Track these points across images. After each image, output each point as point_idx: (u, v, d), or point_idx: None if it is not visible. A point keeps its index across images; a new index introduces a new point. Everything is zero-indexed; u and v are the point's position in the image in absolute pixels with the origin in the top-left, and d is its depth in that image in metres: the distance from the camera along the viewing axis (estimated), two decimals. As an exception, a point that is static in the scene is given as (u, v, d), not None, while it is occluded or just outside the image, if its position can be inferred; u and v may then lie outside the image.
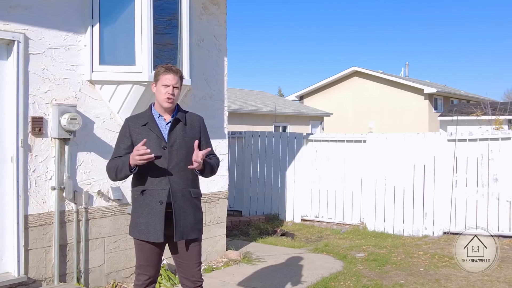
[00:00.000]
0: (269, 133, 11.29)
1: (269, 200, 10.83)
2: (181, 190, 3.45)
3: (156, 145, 3.41)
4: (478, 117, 16.16)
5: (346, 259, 6.97)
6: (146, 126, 3.48)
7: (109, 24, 5.27)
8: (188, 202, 3.49)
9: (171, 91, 3.44)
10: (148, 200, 3.41)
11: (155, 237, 3.40)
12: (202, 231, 3.62)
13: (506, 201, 8.42)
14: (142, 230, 3.43)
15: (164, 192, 3.39)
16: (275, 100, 26.30)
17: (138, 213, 3.47)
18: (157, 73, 3.51)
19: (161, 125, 3.50)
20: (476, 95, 36.37)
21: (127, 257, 5.54)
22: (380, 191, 9.53)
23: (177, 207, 3.42)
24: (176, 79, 3.48)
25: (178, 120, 3.53)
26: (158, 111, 3.54)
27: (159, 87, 3.48)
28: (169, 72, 3.48)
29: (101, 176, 5.26)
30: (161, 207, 3.38)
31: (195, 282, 3.55)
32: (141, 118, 3.56)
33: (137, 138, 3.43)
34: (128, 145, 3.48)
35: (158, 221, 3.38)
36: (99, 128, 5.28)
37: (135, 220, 3.49)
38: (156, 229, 3.38)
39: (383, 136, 9.77)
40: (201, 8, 6.45)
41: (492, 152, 8.61)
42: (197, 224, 3.55)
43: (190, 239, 3.50)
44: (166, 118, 3.53)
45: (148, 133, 3.45)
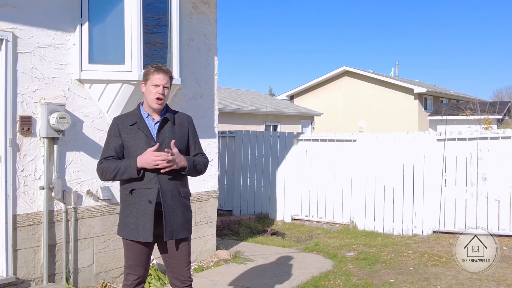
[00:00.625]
0: (260, 133, 11.29)
1: (260, 200, 10.83)
2: (171, 189, 3.42)
3: (145, 144, 3.40)
4: (468, 116, 16.26)
5: (336, 258, 6.99)
6: (135, 126, 3.46)
7: (98, 23, 5.24)
8: (177, 202, 3.46)
9: (161, 91, 3.44)
10: (137, 199, 3.39)
11: (144, 237, 3.37)
12: (191, 231, 3.60)
13: (495, 200, 8.48)
14: (131, 230, 3.40)
15: (154, 191, 3.37)
16: (265, 100, 26.32)
17: (126, 212, 3.44)
18: (147, 73, 3.50)
19: (149, 124, 3.49)
20: (466, 95, 36.59)
21: (117, 257, 5.52)
22: (370, 190, 9.57)
23: (166, 206, 3.39)
24: (166, 79, 3.47)
25: (167, 120, 3.52)
26: (147, 111, 3.53)
27: (148, 87, 3.46)
28: (159, 72, 3.46)
29: (90, 175, 5.24)
30: (150, 207, 3.36)
31: (184, 282, 3.55)
32: (129, 117, 3.53)
33: (126, 138, 3.43)
34: (119, 145, 3.45)
35: (147, 221, 3.36)
36: (88, 128, 5.26)
37: (124, 220, 3.46)
38: (145, 228, 3.36)
39: (373, 136, 9.80)
40: (191, 7, 6.43)
41: (481, 151, 8.67)
42: (186, 223, 3.53)
43: (179, 238, 3.49)
44: (154, 117, 3.52)
45: (137, 133, 3.44)
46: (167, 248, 3.51)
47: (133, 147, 3.42)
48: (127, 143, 3.44)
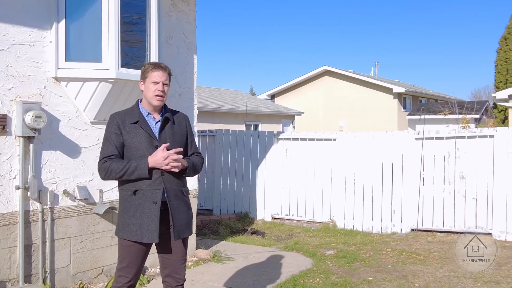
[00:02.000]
0: (240, 132, 11.28)
1: (240, 199, 10.82)
2: (174, 189, 3.42)
3: (147, 144, 3.37)
4: (446, 116, 16.45)
5: (316, 256, 7.01)
6: (137, 124, 3.41)
7: (75, 20, 5.17)
8: (181, 201, 3.47)
9: (161, 88, 3.40)
10: (141, 200, 3.34)
11: (149, 238, 3.33)
12: (192, 230, 3.63)
13: (472, 198, 8.59)
14: (134, 231, 3.34)
15: (159, 192, 3.34)
16: (246, 99, 26.31)
17: (129, 213, 3.37)
18: (145, 71, 3.46)
19: (151, 123, 3.46)
20: (444, 95, 37.06)
21: (94, 257, 5.46)
22: (349, 189, 9.62)
23: (172, 206, 3.39)
24: (165, 75, 3.44)
25: (168, 119, 3.50)
26: (147, 109, 3.49)
27: (148, 85, 3.42)
28: (158, 69, 3.43)
29: (67, 175, 5.17)
30: (155, 208, 3.33)
31: (178, 280, 3.54)
32: (129, 115, 3.47)
33: (128, 137, 3.38)
34: (120, 143, 3.39)
35: (152, 222, 3.32)
36: (64, 126, 5.18)
37: (126, 221, 3.38)
38: (150, 229, 3.32)
39: (352, 135, 9.86)
40: (170, 5, 6.39)
41: (459, 150, 8.78)
42: (189, 222, 3.55)
43: (183, 237, 3.50)
44: (155, 116, 3.49)
45: (139, 132, 3.39)
46: (166, 247, 3.49)
47: (135, 147, 3.37)
48: (129, 142, 3.38)
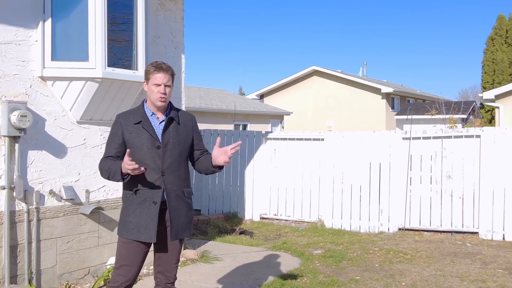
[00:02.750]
0: (228, 132, 11.27)
1: (228, 199, 10.81)
2: (175, 190, 3.44)
3: (150, 144, 3.39)
4: (433, 116, 16.57)
5: (304, 256, 7.02)
6: (139, 125, 3.42)
7: (61, 19, 5.13)
8: (181, 202, 3.49)
9: (163, 90, 3.39)
10: (141, 199, 3.38)
11: (146, 237, 3.37)
12: (192, 230, 3.64)
13: (459, 197, 8.66)
14: (131, 229, 3.38)
15: (159, 192, 3.38)
16: (235, 99, 26.29)
17: (128, 212, 3.42)
18: (148, 72, 3.46)
19: (154, 124, 3.46)
20: (432, 95, 37.31)
21: (81, 257, 5.43)
22: (337, 189, 9.65)
23: (172, 207, 3.42)
24: (167, 77, 3.42)
25: (172, 120, 3.50)
26: (151, 109, 3.49)
27: (150, 86, 3.42)
28: (160, 71, 3.41)
29: (53, 175, 5.14)
30: (155, 207, 3.37)
31: (168, 278, 3.56)
32: (133, 115, 3.48)
33: (130, 137, 3.41)
34: (119, 144, 3.43)
35: (151, 221, 3.36)
36: (50, 126, 5.14)
37: (125, 219, 3.43)
38: (148, 229, 3.36)
39: (340, 134, 9.89)
40: (158, 4, 6.37)
41: (446, 150, 8.84)
42: (189, 223, 3.57)
43: (181, 238, 3.54)
44: (159, 116, 3.49)
45: (141, 132, 3.41)
46: (163, 246, 3.52)
47: (138, 147, 3.39)
48: (131, 142, 3.41)
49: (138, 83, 5.50)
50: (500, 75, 33.11)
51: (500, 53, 33.51)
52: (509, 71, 32.99)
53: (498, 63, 33.44)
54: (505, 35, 34.26)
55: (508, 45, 33.89)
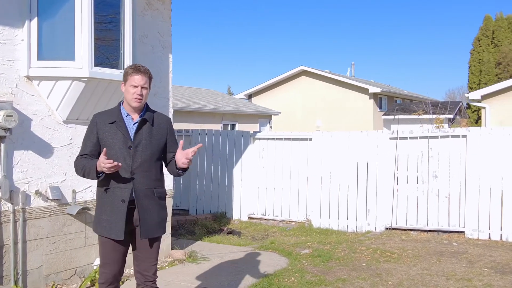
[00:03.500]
0: (216, 132, 11.26)
1: (216, 199, 10.80)
2: (144, 189, 3.52)
3: (122, 144, 3.48)
4: (420, 116, 16.67)
5: (291, 255, 7.04)
6: (113, 124, 3.52)
7: (48, 18, 5.10)
8: (152, 201, 3.55)
9: (139, 92, 3.49)
10: (111, 198, 3.48)
11: (116, 234, 3.46)
12: (165, 230, 3.71)
13: (445, 197, 8.72)
14: (104, 227, 3.49)
15: (127, 191, 3.47)
16: (223, 99, 26.27)
17: (101, 210, 3.53)
18: (126, 73, 3.55)
19: (128, 124, 3.55)
20: (419, 95, 37.52)
21: (67, 258, 5.40)
22: (325, 188, 9.68)
23: (140, 206, 3.49)
24: (144, 79, 3.51)
25: (146, 121, 3.58)
26: (127, 110, 3.58)
27: (127, 87, 3.51)
28: (137, 73, 3.51)
29: (39, 175, 5.10)
30: (123, 206, 3.45)
31: (146, 277, 3.63)
32: (109, 115, 3.58)
33: (104, 136, 3.51)
34: (94, 143, 3.54)
35: (120, 219, 3.45)
36: (36, 126, 5.11)
37: (98, 217, 3.55)
38: (118, 227, 3.45)
39: (328, 134, 9.93)
40: (145, 3, 6.35)
41: (432, 149, 8.90)
42: (161, 222, 3.62)
43: (154, 237, 3.60)
44: (134, 117, 3.57)
45: (115, 132, 3.50)
46: (138, 245, 3.62)
47: (110, 146, 3.47)
48: (105, 141, 3.50)
49: (125, 82, 5.46)
50: (487, 75, 33.46)
51: (487, 54, 33.85)
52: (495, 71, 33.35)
53: (484, 64, 33.78)
54: (491, 36, 34.64)
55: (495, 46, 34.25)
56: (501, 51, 33.12)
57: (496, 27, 34.48)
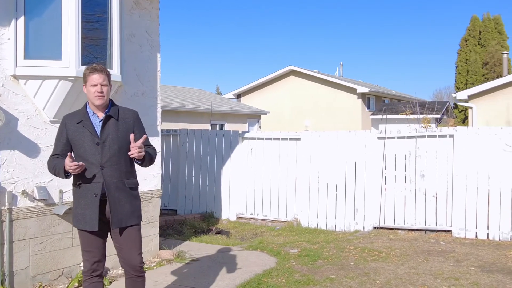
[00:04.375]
0: (205, 131, 11.23)
1: (205, 199, 10.78)
2: (115, 182, 3.73)
3: (90, 141, 3.70)
4: (408, 116, 16.75)
5: (280, 255, 7.05)
6: (80, 124, 3.73)
7: (34, 17, 5.06)
8: (123, 193, 3.76)
9: (100, 89, 3.69)
10: (84, 192, 3.70)
11: (90, 226, 3.68)
12: (141, 217, 3.92)
13: (432, 196, 8.78)
14: (79, 220, 3.72)
15: (98, 185, 3.68)
16: (212, 98, 26.24)
17: (76, 204, 3.77)
18: (84, 75, 3.75)
19: (94, 122, 3.75)
20: (406, 95, 37.74)
21: (54, 258, 5.36)
22: (313, 188, 9.70)
23: (111, 198, 3.70)
24: (102, 77, 3.71)
25: (110, 117, 3.77)
26: (92, 109, 3.79)
27: (88, 88, 3.72)
28: (94, 72, 3.71)
29: (26, 175, 5.06)
30: (95, 199, 3.68)
31: (134, 268, 3.84)
32: (76, 116, 3.80)
33: (73, 136, 3.73)
34: (64, 143, 3.76)
35: (93, 212, 3.67)
36: (23, 125, 5.06)
37: (74, 211, 3.79)
38: (92, 218, 3.67)
39: (316, 134, 9.94)
40: (133, 2, 6.31)
41: (419, 149, 8.96)
42: (135, 211, 3.84)
43: (128, 225, 3.80)
44: (99, 115, 3.78)
45: (82, 131, 3.72)
46: (117, 235, 3.81)
47: (80, 144, 3.71)
48: (74, 140, 3.73)
49: (113, 81, 5.43)
50: (474, 75, 33.72)
51: (474, 54, 34.12)
52: (482, 71, 33.63)
53: (471, 64, 34.04)
54: (478, 36, 34.91)
55: (481, 46, 34.53)
56: (488, 52, 33.41)
57: (483, 27, 34.76)
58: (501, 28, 34.62)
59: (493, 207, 8.32)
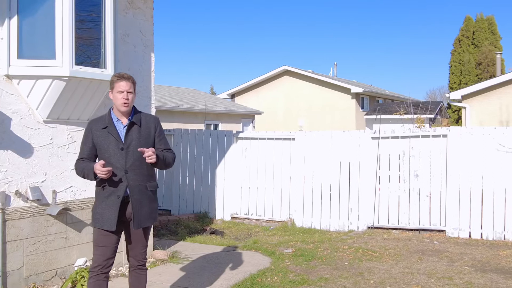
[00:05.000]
0: (199, 131, 11.21)
1: (199, 199, 10.76)
2: (138, 185, 3.93)
3: (115, 146, 3.90)
4: (401, 115, 16.80)
5: (274, 255, 7.05)
6: (105, 129, 3.93)
7: (28, 17, 5.03)
8: (144, 195, 3.97)
9: (126, 97, 3.90)
10: (107, 194, 3.89)
11: (109, 226, 3.87)
12: (156, 219, 4.15)
13: (426, 196, 8.80)
14: (97, 219, 3.91)
15: (122, 188, 3.88)
16: (206, 98, 26.21)
17: (97, 204, 3.95)
18: (112, 82, 3.95)
19: (119, 128, 3.96)
20: (400, 95, 37.85)
21: (48, 259, 5.33)
22: (308, 188, 9.70)
23: (134, 200, 3.90)
24: (129, 85, 3.91)
25: (133, 123, 3.98)
26: (116, 115, 3.99)
27: (115, 94, 3.92)
28: (122, 79, 3.91)
29: (19, 175, 5.03)
30: (117, 201, 3.87)
31: (139, 261, 4.12)
32: (101, 121, 4.00)
33: (99, 140, 3.94)
34: (90, 147, 3.97)
35: (113, 212, 3.86)
36: (16, 125, 5.04)
37: (94, 210, 3.97)
38: (111, 218, 3.86)
39: (311, 134, 9.95)
40: (127, 2, 6.30)
41: (413, 149, 8.98)
42: (152, 213, 4.06)
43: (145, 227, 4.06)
44: (123, 121, 3.99)
45: (107, 136, 3.92)
46: (130, 235, 4.06)
47: (105, 149, 3.91)
48: (99, 145, 3.93)
49: (106, 81, 5.44)
50: (467, 75, 33.85)
51: (467, 54, 34.25)
52: (476, 72, 33.76)
53: (465, 64, 34.17)
54: (472, 36, 35.05)
55: (475, 47, 34.67)
56: (481, 52, 33.54)
57: (477, 28, 34.91)
58: (494, 29, 34.78)
59: (486, 207, 8.35)
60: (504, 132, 8.38)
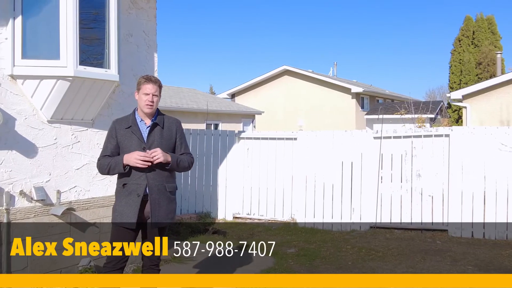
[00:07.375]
0: (201, 131, 11.21)
1: (201, 199, 10.76)
2: (157, 185, 4.01)
3: (137, 146, 4.02)
4: (402, 115, 16.81)
5: (277, 255, 7.04)
6: (129, 129, 4.07)
7: (32, 17, 5.03)
8: (162, 195, 4.05)
9: (151, 99, 4.04)
10: (128, 192, 3.99)
11: (128, 224, 3.97)
12: (174, 220, 4.27)
13: (429, 195, 8.81)
14: (116, 216, 4.02)
15: (142, 186, 3.98)
16: (206, 98, 26.21)
17: (117, 202, 4.07)
18: (139, 83, 4.09)
19: (142, 128, 4.09)
20: (400, 95, 37.88)
21: (52, 260, 5.33)
22: (310, 188, 9.71)
23: (153, 200, 3.99)
24: (155, 88, 4.06)
25: (156, 124, 4.11)
26: (140, 116, 4.12)
27: (140, 95, 4.06)
28: (149, 82, 4.05)
29: (24, 175, 5.03)
30: (138, 199, 3.97)
31: (152, 261, 4.18)
32: (126, 121, 4.14)
33: (122, 139, 4.07)
34: (114, 145, 4.10)
35: (133, 210, 3.96)
36: (21, 125, 5.03)
37: (114, 208, 4.08)
38: (130, 217, 3.96)
39: (313, 134, 9.95)
40: (130, 1, 6.29)
41: (415, 149, 8.99)
42: (170, 213, 4.12)
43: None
44: (146, 122, 4.12)
45: (131, 135, 4.05)
46: (147, 233, 4.12)
47: (127, 148, 4.03)
48: (123, 144, 4.06)
49: (110, 81, 5.45)
50: (467, 75, 33.87)
51: (467, 54, 34.27)
52: (476, 71, 33.79)
53: (465, 64, 34.20)
54: (472, 36, 35.08)
55: (475, 46, 34.70)
56: (481, 52, 33.57)
57: (477, 27, 34.94)
58: (494, 28, 34.82)
59: (489, 206, 8.36)
60: (506, 131, 8.39)
